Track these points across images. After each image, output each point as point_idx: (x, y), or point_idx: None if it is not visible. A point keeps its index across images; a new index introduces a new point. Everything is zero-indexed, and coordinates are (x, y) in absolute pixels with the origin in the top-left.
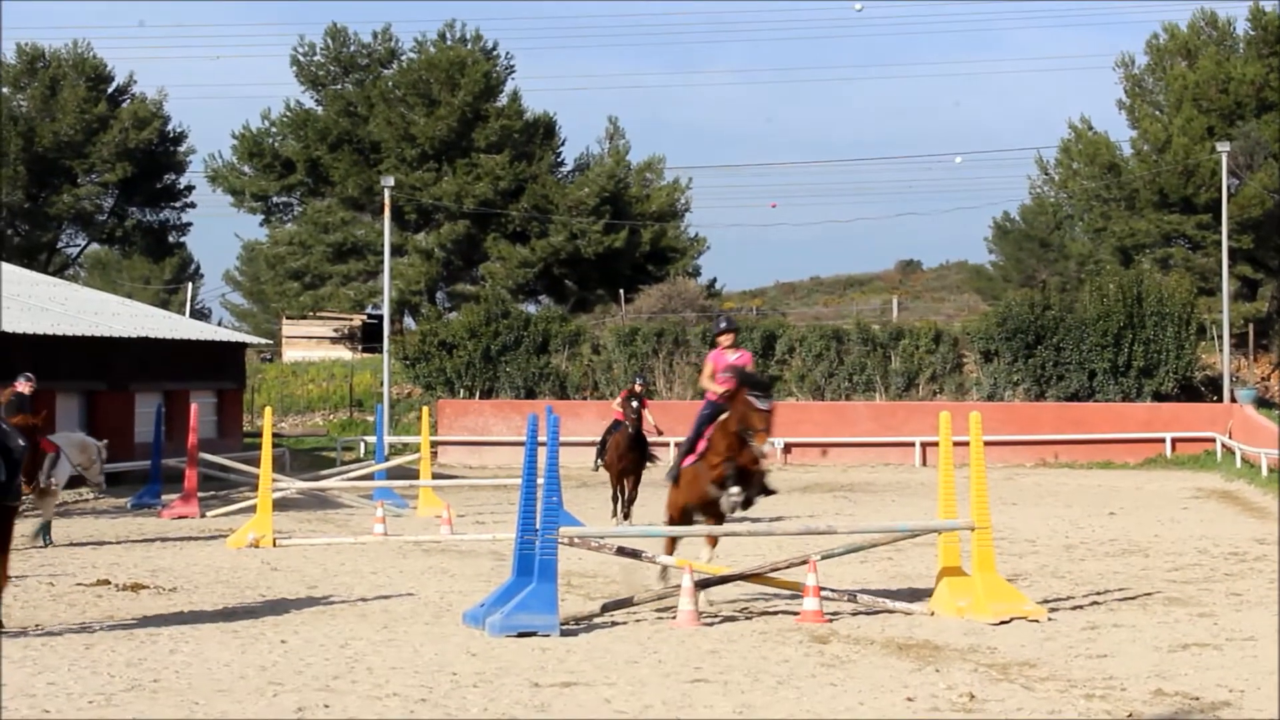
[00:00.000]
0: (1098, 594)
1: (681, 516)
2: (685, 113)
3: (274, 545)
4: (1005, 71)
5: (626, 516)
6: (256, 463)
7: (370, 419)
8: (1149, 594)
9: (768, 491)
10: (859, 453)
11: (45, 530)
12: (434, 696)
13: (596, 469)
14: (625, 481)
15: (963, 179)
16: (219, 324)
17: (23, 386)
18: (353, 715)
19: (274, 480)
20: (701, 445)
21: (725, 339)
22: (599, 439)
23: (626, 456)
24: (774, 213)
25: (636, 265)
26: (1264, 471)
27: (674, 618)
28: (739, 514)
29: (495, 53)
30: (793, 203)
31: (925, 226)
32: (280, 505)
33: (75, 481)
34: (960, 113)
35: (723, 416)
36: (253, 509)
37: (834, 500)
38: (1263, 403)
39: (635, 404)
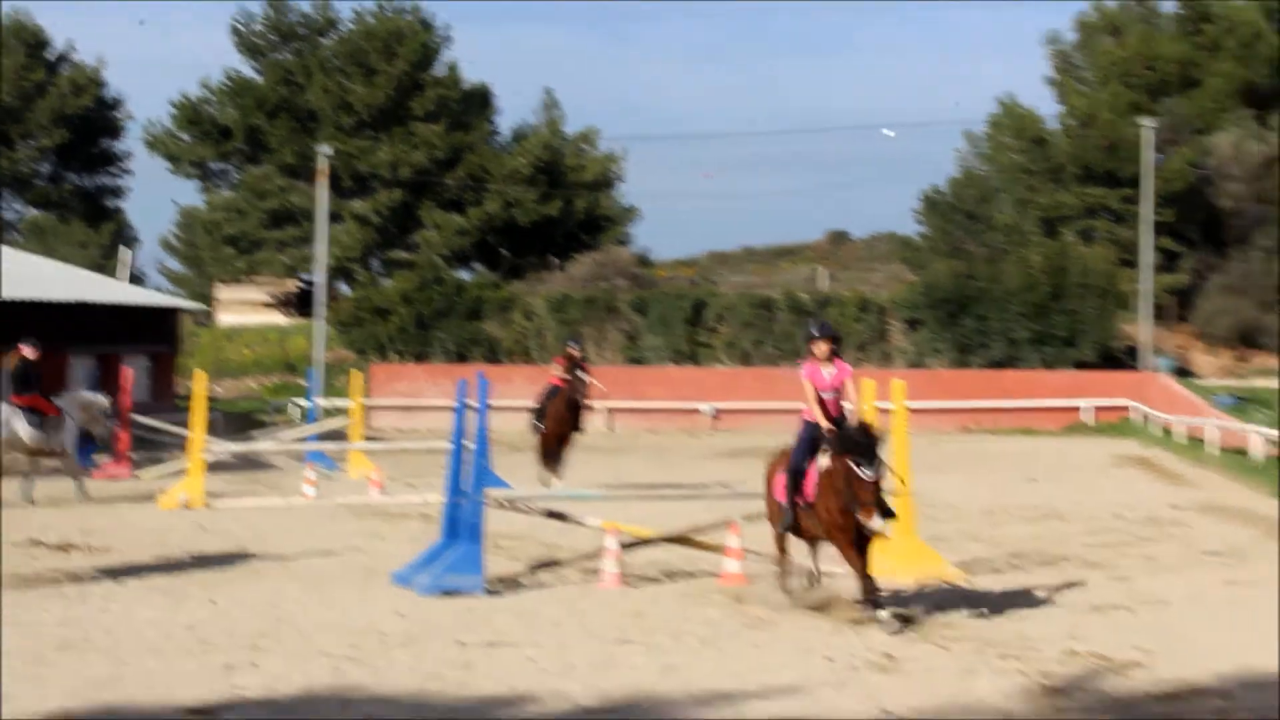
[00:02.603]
0: (1016, 558)
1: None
2: (621, 84)
3: (205, 506)
4: (937, 47)
5: (559, 479)
6: (189, 425)
7: (303, 383)
8: (1065, 558)
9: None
10: (786, 418)
11: (79, 488)
12: (361, 655)
13: (536, 432)
14: (560, 445)
15: (893, 151)
16: (155, 289)
17: (28, 351)
18: (280, 674)
19: (206, 442)
20: (810, 489)
21: (820, 348)
22: (535, 404)
23: (565, 421)
24: (707, 183)
25: (570, 234)
26: (1180, 439)
27: (599, 579)
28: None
29: (432, 23)
30: (726, 173)
31: (855, 198)
32: (212, 467)
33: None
34: (892, 86)
35: (825, 464)
36: (184, 471)
37: (760, 464)
38: (1180, 372)
39: (579, 370)
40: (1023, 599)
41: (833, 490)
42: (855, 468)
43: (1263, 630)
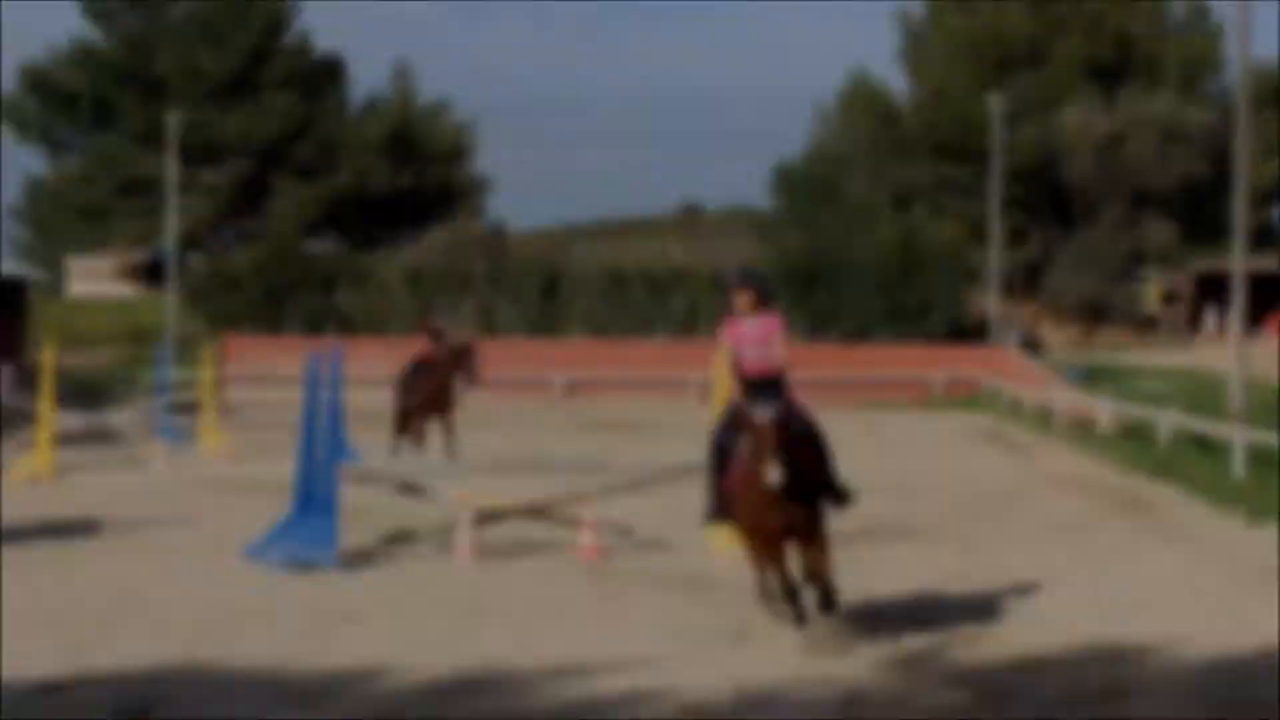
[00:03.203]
0: (866, 530)
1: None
2: (477, 54)
3: (54, 479)
4: (789, 21)
5: (453, 454)
6: (37, 397)
7: (153, 354)
8: (916, 530)
9: (842, 498)
10: (640, 391)
11: None
12: (213, 630)
13: (409, 409)
14: (445, 418)
15: (746, 125)
16: (3, 259)
17: None
18: (131, 650)
19: (55, 415)
20: (734, 475)
21: (742, 299)
22: (401, 377)
23: (437, 397)
24: (561, 154)
25: (424, 205)
26: (1029, 412)
27: (453, 552)
28: None
29: None
30: (579, 144)
31: (708, 169)
32: (61, 440)
33: None
34: (746, 58)
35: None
36: (33, 443)
37: (614, 437)
38: (1029, 345)
39: (467, 352)
40: (872, 570)
41: (746, 475)
42: (751, 410)
43: (1106, 600)
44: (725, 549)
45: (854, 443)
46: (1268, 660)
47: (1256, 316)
